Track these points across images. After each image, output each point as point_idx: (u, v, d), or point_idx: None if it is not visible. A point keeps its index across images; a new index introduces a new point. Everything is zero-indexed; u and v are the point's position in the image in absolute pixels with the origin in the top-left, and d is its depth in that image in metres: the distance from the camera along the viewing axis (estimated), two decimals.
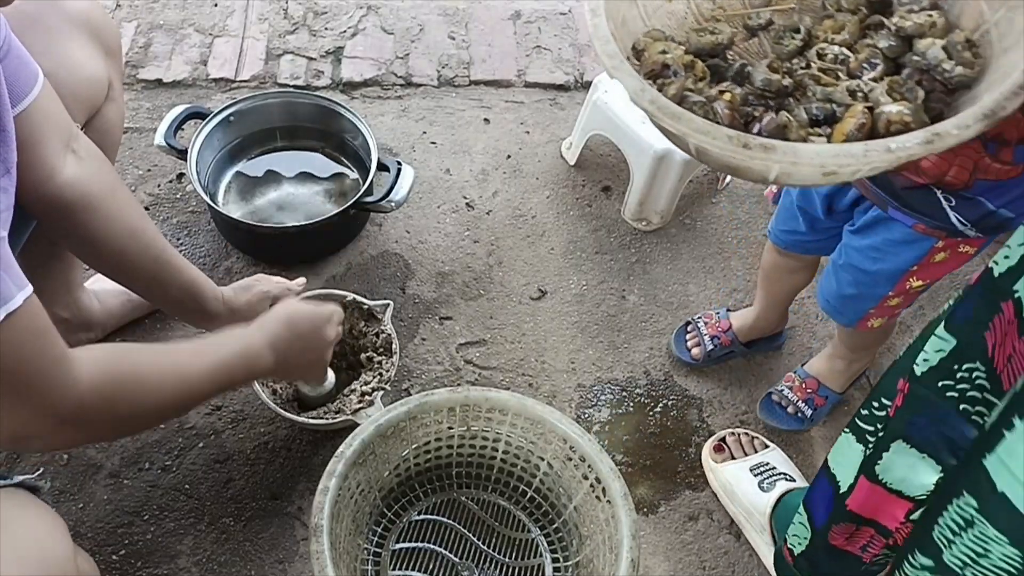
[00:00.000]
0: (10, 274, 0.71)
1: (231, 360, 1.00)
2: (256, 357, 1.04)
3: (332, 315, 1.17)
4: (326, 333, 1.15)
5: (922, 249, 1.12)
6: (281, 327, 1.07)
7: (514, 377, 1.51)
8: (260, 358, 1.05)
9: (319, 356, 1.18)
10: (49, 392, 0.76)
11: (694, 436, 1.48)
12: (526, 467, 1.27)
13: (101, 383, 0.81)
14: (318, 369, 1.23)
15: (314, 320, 1.13)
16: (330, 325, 1.16)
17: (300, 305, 1.14)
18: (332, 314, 1.17)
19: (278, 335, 1.06)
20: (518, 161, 1.83)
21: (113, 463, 1.33)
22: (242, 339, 1.04)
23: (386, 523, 1.25)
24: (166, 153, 1.57)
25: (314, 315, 1.13)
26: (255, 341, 1.05)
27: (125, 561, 1.24)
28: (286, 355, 1.08)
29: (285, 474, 1.35)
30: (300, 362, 1.15)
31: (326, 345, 1.17)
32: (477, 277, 1.63)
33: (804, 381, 1.49)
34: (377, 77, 1.94)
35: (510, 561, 1.25)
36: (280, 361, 1.07)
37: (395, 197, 1.52)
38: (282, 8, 2.05)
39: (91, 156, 1.04)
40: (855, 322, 1.27)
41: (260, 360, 1.05)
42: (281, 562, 1.27)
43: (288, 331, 1.08)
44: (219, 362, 0.98)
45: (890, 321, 1.28)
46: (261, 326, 1.07)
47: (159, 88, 1.86)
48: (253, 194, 1.67)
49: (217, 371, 0.98)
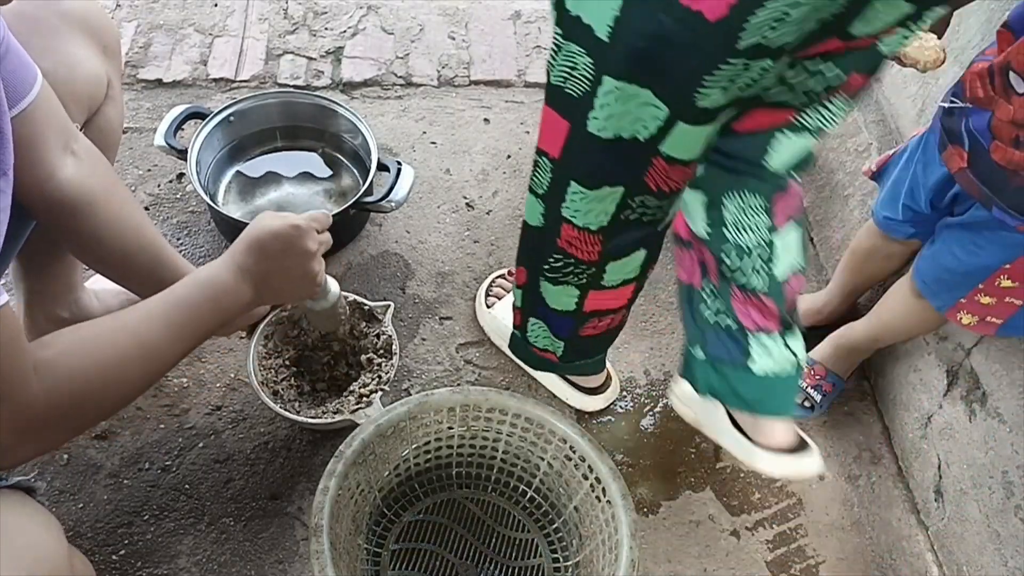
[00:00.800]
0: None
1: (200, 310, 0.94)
2: (230, 296, 0.98)
3: (308, 225, 1.04)
4: (304, 245, 1.03)
5: (1017, 252, 1.14)
6: (249, 254, 0.99)
7: (514, 377, 1.51)
8: (235, 296, 0.98)
9: (304, 271, 1.06)
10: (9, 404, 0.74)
11: (694, 436, 1.47)
12: (526, 467, 1.27)
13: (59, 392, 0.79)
14: (308, 283, 1.10)
15: (285, 236, 1.01)
16: (306, 236, 1.03)
17: (267, 223, 1.02)
18: (308, 223, 1.04)
19: (247, 264, 0.99)
20: (518, 161, 1.83)
21: (113, 463, 1.33)
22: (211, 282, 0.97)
23: (386, 523, 1.25)
24: (166, 153, 1.57)
25: (284, 230, 1.01)
26: (222, 276, 0.98)
27: (125, 561, 1.24)
28: (265, 281, 1.01)
29: (285, 474, 1.35)
30: (284, 283, 1.05)
31: (307, 257, 1.05)
32: (477, 277, 1.63)
33: (812, 368, 1.49)
34: (377, 77, 1.94)
35: (510, 561, 1.25)
36: (260, 289, 1.00)
37: (395, 197, 1.52)
38: (282, 8, 2.05)
39: (90, 156, 1.03)
40: (946, 308, 1.26)
41: (236, 297, 0.99)
42: (281, 562, 1.27)
43: (258, 255, 1.00)
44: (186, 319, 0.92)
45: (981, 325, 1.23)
46: (227, 259, 0.99)
47: (159, 88, 1.86)
48: (253, 194, 1.67)
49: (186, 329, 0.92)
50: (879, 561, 1.38)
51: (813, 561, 1.37)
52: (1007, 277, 1.17)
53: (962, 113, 1.13)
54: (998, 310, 1.21)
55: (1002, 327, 1.22)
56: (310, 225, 1.04)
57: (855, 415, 1.54)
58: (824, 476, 1.46)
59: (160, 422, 1.38)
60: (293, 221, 1.02)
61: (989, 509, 1.26)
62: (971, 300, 1.22)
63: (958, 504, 1.32)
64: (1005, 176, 1.09)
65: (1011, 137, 1.06)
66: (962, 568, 1.31)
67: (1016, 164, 1.07)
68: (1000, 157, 1.08)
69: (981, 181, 1.12)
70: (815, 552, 1.38)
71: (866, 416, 1.54)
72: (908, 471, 1.46)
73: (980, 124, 1.10)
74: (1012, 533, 1.21)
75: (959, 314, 1.24)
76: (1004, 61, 1.04)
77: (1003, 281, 1.17)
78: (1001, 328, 1.23)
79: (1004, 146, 1.07)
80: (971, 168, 1.14)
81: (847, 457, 1.48)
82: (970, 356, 1.32)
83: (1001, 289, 1.18)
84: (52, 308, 1.29)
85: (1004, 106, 1.05)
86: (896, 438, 1.49)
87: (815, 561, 1.37)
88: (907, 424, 1.45)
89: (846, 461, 1.48)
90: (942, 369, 1.38)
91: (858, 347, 1.49)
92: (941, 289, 1.26)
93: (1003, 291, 1.18)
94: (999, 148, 1.08)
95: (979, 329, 1.25)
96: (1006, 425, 1.23)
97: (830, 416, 1.52)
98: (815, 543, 1.39)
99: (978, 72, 1.10)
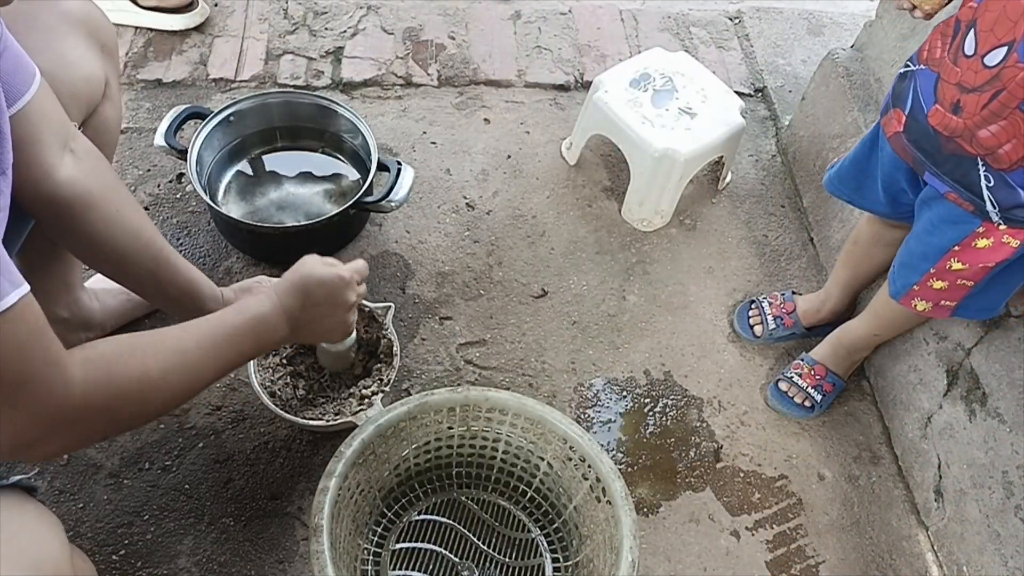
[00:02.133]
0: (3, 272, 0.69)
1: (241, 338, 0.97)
2: (269, 331, 1.01)
3: (351, 277, 1.10)
4: (345, 297, 1.09)
5: (964, 231, 1.13)
6: (295, 297, 1.03)
7: (514, 377, 1.51)
8: (273, 332, 1.01)
9: (340, 320, 1.12)
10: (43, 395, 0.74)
11: (694, 436, 1.47)
12: (526, 467, 1.27)
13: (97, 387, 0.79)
14: (340, 332, 1.17)
15: (330, 286, 1.07)
16: (349, 288, 1.10)
17: (316, 269, 1.07)
18: (352, 275, 1.10)
19: (290, 306, 1.03)
20: (518, 161, 1.83)
21: (113, 463, 1.33)
22: (254, 314, 1.00)
23: (386, 523, 1.25)
24: (166, 153, 1.56)
25: (331, 281, 1.07)
26: (267, 313, 1.01)
27: (125, 561, 1.24)
28: (302, 323, 1.04)
29: (285, 474, 1.35)
30: (319, 329, 1.10)
31: (346, 309, 1.11)
32: (477, 277, 1.63)
33: (812, 368, 1.50)
34: (377, 77, 1.94)
35: (510, 561, 1.25)
36: (295, 329, 1.04)
37: (395, 197, 1.52)
38: (282, 8, 2.05)
39: (89, 155, 1.03)
40: (900, 293, 1.27)
41: (273, 333, 1.01)
42: (281, 562, 1.27)
43: (303, 299, 1.03)
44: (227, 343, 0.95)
45: (936, 310, 1.25)
46: (274, 295, 1.03)
47: (159, 88, 1.86)
48: (253, 194, 1.67)
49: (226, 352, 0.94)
50: (879, 561, 1.38)
51: (813, 561, 1.37)
52: (957, 260, 1.17)
53: (913, 76, 1.13)
54: (950, 293, 1.21)
55: (956, 309, 1.23)
56: (353, 277, 1.10)
57: (855, 415, 1.54)
58: (824, 476, 1.46)
59: (160, 422, 1.37)
60: (339, 272, 1.08)
61: (989, 509, 1.25)
62: (924, 286, 1.22)
63: (958, 504, 1.32)
64: (939, 142, 1.09)
65: (952, 101, 1.05)
66: (962, 568, 1.31)
67: (951, 130, 1.06)
68: (937, 122, 1.08)
69: (914, 146, 1.13)
70: (815, 552, 1.38)
71: (866, 416, 1.54)
72: (908, 471, 1.45)
73: (927, 86, 1.10)
74: (1012, 533, 1.21)
75: (913, 301, 1.25)
76: (971, 17, 1.03)
77: (953, 264, 1.18)
78: (956, 310, 1.24)
79: (943, 111, 1.07)
80: (905, 133, 1.14)
81: (847, 457, 1.48)
82: (970, 356, 1.32)
83: (952, 272, 1.18)
84: (51, 308, 1.29)
85: (951, 68, 1.05)
86: (896, 438, 1.49)
87: (815, 561, 1.37)
88: (907, 424, 1.45)
89: (846, 461, 1.48)
90: (942, 369, 1.38)
91: (857, 345, 1.49)
92: (902, 273, 1.26)
93: (954, 274, 1.19)
94: (938, 112, 1.08)
95: (934, 314, 1.26)
96: (1006, 425, 1.23)
97: (830, 416, 1.52)
98: (815, 543, 1.38)
99: (941, 30, 1.09)
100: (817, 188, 1.76)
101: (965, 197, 1.10)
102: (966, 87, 1.03)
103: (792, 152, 1.88)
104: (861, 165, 1.32)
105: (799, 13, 2.21)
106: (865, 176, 1.32)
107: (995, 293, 1.22)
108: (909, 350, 1.46)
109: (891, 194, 1.28)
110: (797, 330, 1.57)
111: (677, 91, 1.71)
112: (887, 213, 1.33)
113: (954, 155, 1.08)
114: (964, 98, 1.03)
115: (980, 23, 1.01)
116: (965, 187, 1.09)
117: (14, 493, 0.84)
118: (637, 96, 1.69)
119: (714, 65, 2.04)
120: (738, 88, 2.01)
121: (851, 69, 1.71)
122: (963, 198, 1.10)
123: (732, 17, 2.21)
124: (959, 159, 1.07)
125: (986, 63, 1.00)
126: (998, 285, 1.21)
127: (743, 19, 2.20)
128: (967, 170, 1.07)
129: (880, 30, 1.67)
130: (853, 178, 1.35)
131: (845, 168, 1.36)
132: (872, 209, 1.36)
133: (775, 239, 1.77)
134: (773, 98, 2.01)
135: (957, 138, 1.06)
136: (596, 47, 2.08)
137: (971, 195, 1.09)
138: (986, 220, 1.10)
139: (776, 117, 1.98)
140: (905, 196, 1.26)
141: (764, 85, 2.04)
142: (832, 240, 1.69)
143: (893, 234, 1.39)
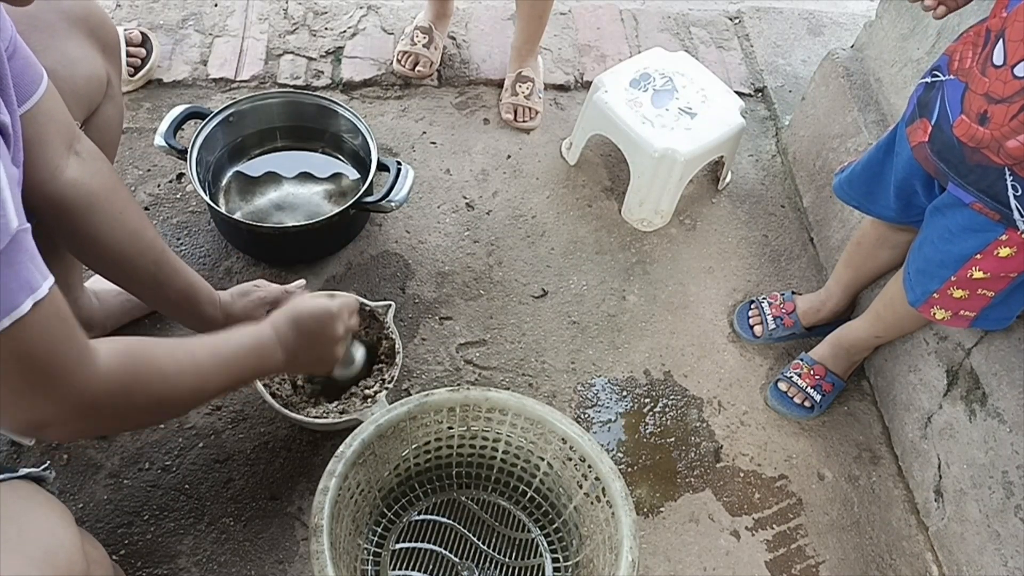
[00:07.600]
0: (35, 263, 0.71)
1: (245, 358, 1.00)
2: (268, 356, 1.04)
3: (341, 311, 1.15)
4: (334, 331, 1.13)
5: (986, 239, 1.12)
6: (288, 328, 1.07)
7: (514, 377, 1.51)
8: (271, 358, 1.05)
9: (328, 352, 1.16)
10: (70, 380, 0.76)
11: (694, 436, 1.47)
12: (526, 467, 1.27)
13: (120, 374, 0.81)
14: (328, 364, 1.20)
15: (321, 319, 1.11)
16: (338, 321, 1.14)
17: (307, 303, 1.12)
18: (341, 309, 1.15)
19: (285, 336, 1.06)
20: (518, 161, 1.83)
21: (113, 463, 1.33)
22: (256, 337, 1.04)
23: (386, 523, 1.25)
24: (166, 153, 1.56)
25: (321, 314, 1.11)
26: (267, 340, 1.05)
27: (125, 561, 1.24)
28: (295, 353, 1.07)
29: (285, 474, 1.35)
30: (309, 359, 1.14)
31: (334, 342, 1.15)
32: (477, 277, 1.63)
33: (812, 368, 1.50)
34: (377, 77, 1.94)
35: (510, 561, 1.25)
36: (290, 359, 1.07)
37: (395, 197, 1.52)
38: (282, 8, 2.05)
39: (93, 157, 1.03)
40: (920, 301, 1.25)
41: (271, 359, 1.05)
42: (281, 562, 1.27)
43: (296, 331, 1.08)
44: (233, 359, 0.98)
45: (955, 319, 1.24)
46: (273, 325, 1.06)
47: (159, 88, 1.86)
48: (253, 194, 1.67)
49: (231, 368, 0.98)
50: (879, 561, 1.38)
51: (813, 561, 1.37)
52: (979, 268, 1.16)
53: (941, 86, 1.12)
54: (971, 303, 1.20)
55: (976, 320, 1.22)
56: (342, 311, 1.14)
57: (855, 415, 1.54)
58: (824, 476, 1.46)
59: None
60: (328, 306, 1.12)
61: (989, 509, 1.26)
62: (943, 294, 1.21)
63: (958, 504, 1.32)
64: (963, 153, 1.08)
65: (979, 112, 1.04)
66: (962, 568, 1.31)
67: (978, 141, 1.05)
68: (962, 132, 1.07)
69: (938, 157, 1.12)
70: (815, 552, 1.38)
71: (866, 416, 1.54)
72: (908, 471, 1.46)
73: (954, 96, 1.09)
74: (1012, 533, 1.21)
75: (932, 309, 1.24)
76: (1001, 27, 1.01)
77: (975, 273, 1.16)
78: (975, 321, 1.23)
79: (969, 122, 1.06)
80: (930, 143, 1.14)
81: (847, 457, 1.48)
82: (970, 356, 1.32)
83: (973, 281, 1.17)
84: None
85: (979, 78, 1.04)
86: (896, 438, 1.49)
87: (815, 561, 1.37)
88: (907, 424, 1.45)
89: (846, 461, 1.48)
90: (942, 369, 1.38)
91: (857, 345, 1.49)
92: (920, 280, 1.25)
93: (975, 283, 1.17)
94: (963, 123, 1.06)
95: (952, 323, 1.25)
96: (1006, 425, 1.23)
97: (830, 416, 1.52)
98: (815, 543, 1.39)
99: (972, 40, 1.08)
100: (817, 188, 1.76)
101: (991, 207, 1.09)
102: (994, 97, 1.02)
103: (792, 152, 1.88)
104: (874, 171, 1.31)
105: (799, 13, 2.21)
106: (877, 182, 1.31)
107: (1014, 303, 1.21)
108: (909, 350, 1.46)
109: (903, 199, 1.28)
110: (797, 330, 1.57)
111: (677, 91, 1.72)
112: (895, 218, 1.33)
113: (980, 165, 1.07)
114: (992, 109, 1.02)
115: (1009, 33, 0.99)
116: (991, 197, 1.08)
117: (24, 485, 0.85)
118: (637, 96, 1.69)
119: (714, 65, 2.04)
120: (738, 88, 2.01)
121: (851, 69, 1.71)
122: (989, 207, 1.09)
123: (732, 17, 2.21)
124: (984, 169, 1.06)
125: (1016, 73, 0.98)
126: (1018, 295, 1.19)
127: (743, 19, 2.20)
128: (993, 180, 1.06)
129: (880, 30, 1.67)
130: (864, 184, 1.34)
131: (857, 174, 1.35)
132: (881, 215, 1.36)
133: (775, 239, 1.77)
134: (773, 98, 2.01)
135: (983, 149, 1.05)
136: (596, 47, 2.08)
137: (997, 204, 1.08)
138: (1011, 228, 1.09)
139: (776, 117, 1.98)
140: (918, 200, 1.25)
141: (764, 85, 2.05)
142: (832, 240, 1.69)
143: (898, 236, 1.39)
